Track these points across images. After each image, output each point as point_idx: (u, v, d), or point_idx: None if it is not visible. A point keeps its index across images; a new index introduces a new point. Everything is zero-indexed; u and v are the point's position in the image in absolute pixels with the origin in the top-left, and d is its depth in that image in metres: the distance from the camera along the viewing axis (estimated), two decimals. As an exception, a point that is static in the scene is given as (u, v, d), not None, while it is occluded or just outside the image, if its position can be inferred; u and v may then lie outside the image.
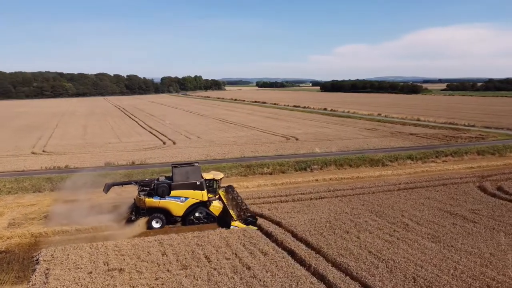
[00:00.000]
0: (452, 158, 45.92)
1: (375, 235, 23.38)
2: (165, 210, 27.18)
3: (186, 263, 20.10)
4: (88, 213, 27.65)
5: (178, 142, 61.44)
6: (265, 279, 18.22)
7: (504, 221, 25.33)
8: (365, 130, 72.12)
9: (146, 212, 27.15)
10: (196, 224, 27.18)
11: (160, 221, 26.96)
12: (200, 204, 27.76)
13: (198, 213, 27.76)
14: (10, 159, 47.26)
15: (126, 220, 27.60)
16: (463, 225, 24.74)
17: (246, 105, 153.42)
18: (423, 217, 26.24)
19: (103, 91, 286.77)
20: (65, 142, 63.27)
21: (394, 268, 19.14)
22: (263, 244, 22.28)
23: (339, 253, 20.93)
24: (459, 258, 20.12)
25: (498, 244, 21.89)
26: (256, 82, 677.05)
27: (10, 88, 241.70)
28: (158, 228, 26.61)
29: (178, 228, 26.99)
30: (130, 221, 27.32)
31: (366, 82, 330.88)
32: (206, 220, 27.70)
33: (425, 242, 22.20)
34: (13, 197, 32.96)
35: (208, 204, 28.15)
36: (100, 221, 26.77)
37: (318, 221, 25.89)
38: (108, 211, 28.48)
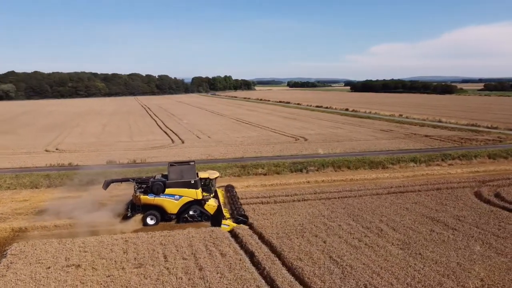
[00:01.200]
0: (459, 161, 43.91)
1: (343, 239, 22.72)
2: (160, 207, 27.62)
3: (143, 261, 20.29)
4: (86, 208, 28.25)
5: (187, 141, 62.21)
6: (212, 280, 18.12)
7: (487, 229, 23.97)
8: (380, 131, 70.28)
9: (141, 209, 27.67)
10: (190, 222, 27.36)
11: (155, 218, 27.40)
12: (194, 202, 27.98)
13: (192, 211, 27.97)
14: (22, 156, 49.38)
15: (122, 216, 28.11)
16: (440, 232, 23.62)
17: (269, 105, 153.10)
18: (401, 223, 25.26)
19: (135, 90, 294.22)
20: (80, 140, 65.48)
21: (348, 275, 18.54)
22: (225, 246, 22.14)
23: (298, 257, 20.51)
24: (421, 267, 19.24)
25: (471, 253, 20.75)
26: (287, 82, 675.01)
27: (47, 88, 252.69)
28: (153, 225, 27.02)
29: (159, 226, 27.07)
30: (126, 217, 27.91)
31: (398, 82, 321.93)
32: (200, 218, 27.86)
33: (392, 249, 21.36)
34: (10, 192, 34.39)
35: (203, 203, 28.34)
36: (96, 216, 27.33)
37: (291, 223, 25.47)
38: (106, 207, 29.10)
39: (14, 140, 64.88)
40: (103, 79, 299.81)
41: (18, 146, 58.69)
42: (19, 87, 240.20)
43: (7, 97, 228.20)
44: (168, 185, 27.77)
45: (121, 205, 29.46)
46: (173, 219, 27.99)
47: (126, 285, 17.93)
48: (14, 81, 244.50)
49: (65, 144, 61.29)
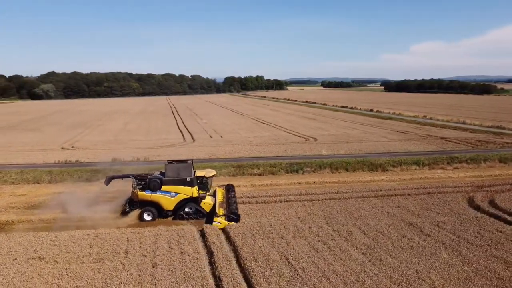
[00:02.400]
0: (466, 165, 41.99)
1: (308, 242, 22.44)
2: (156, 203, 28.30)
3: (103, 256, 20.95)
4: (85, 203, 29.41)
5: (198, 140, 63.14)
6: (160, 277, 18.49)
7: (463, 237, 22.92)
8: (396, 132, 68.35)
9: (139, 205, 28.49)
10: (186, 219, 27.83)
11: (151, 214, 28.10)
12: (190, 199, 28.49)
13: (188, 209, 28.44)
14: (37, 153, 51.83)
15: (121, 211, 28.95)
16: (412, 238, 22.82)
17: (294, 106, 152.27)
18: (375, 227, 24.60)
19: (167, 90, 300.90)
20: (98, 138, 67.89)
21: (297, 278, 18.39)
22: (188, 244, 22.44)
23: (255, 258, 20.49)
24: (376, 273, 18.72)
25: (435, 261, 19.95)
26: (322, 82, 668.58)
27: (84, 88, 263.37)
28: (149, 221, 27.66)
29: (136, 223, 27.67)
30: (124, 212, 28.81)
31: (434, 82, 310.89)
32: (195, 216, 28.27)
33: (354, 253, 20.89)
34: (12, 187, 36.27)
35: (199, 201, 28.85)
36: (94, 211, 28.36)
37: (263, 224, 25.43)
38: (105, 202, 30.12)
39: (36, 138, 68.23)
40: (137, 79, 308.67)
41: (37, 143, 61.68)
42: (58, 87, 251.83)
43: (47, 97, 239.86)
44: (165, 182, 28.40)
45: (119, 200, 30.26)
46: (169, 215, 28.55)
47: (79, 278, 18.60)
48: (54, 81, 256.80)
49: (82, 141, 63.78)
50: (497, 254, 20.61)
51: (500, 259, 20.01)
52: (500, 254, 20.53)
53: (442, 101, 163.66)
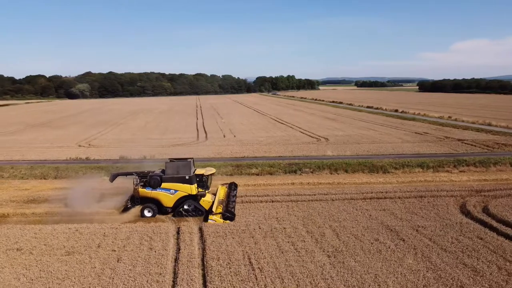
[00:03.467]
0: (473, 168, 40.30)
1: (277, 242, 22.44)
2: (156, 200, 29.02)
3: (75, 250, 21.86)
4: (88, 199, 30.38)
5: (210, 139, 64.00)
6: (119, 272, 19.13)
7: (439, 242, 22.16)
8: (413, 134, 66.38)
9: (140, 201, 29.31)
10: (185, 216, 28.28)
11: (152, 210, 28.74)
12: (189, 197, 29.04)
13: (187, 206, 28.92)
14: (53, 150, 54.29)
15: (123, 207, 29.73)
16: (384, 242, 22.29)
17: (319, 105, 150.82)
18: (351, 229, 24.21)
19: (198, 90, 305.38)
20: (116, 136, 70.21)
21: (251, 278, 18.56)
22: (159, 240, 22.99)
23: (218, 256, 20.77)
24: (333, 276, 18.52)
25: (399, 266, 19.43)
26: (355, 82, 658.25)
27: (118, 87, 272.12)
28: (150, 217, 28.28)
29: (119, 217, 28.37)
30: (126, 208, 29.64)
31: (472, 81, 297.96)
32: (194, 213, 28.72)
33: (319, 256, 20.71)
34: (19, 182, 38.27)
35: (198, 198, 29.43)
36: (98, 207, 29.48)
37: (239, 224, 25.64)
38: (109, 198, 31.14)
39: (59, 135, 71.45)
40: (169, 79, 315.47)
41: (58, 140, 64.55)
42: (93, 87, 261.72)
43: (83, 96, 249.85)
44: (164, 180, 29.06)
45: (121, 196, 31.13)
46: (169, 212, 29.16)
47: (45, 269, 19.52)
48: (89, 81, 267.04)
49: (100, 139, 66.17)
50: (467, 261, 19.79)
51: (468, 267, 19.21)
52: (471, 262, 19.69)
53: (476, 101, 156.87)
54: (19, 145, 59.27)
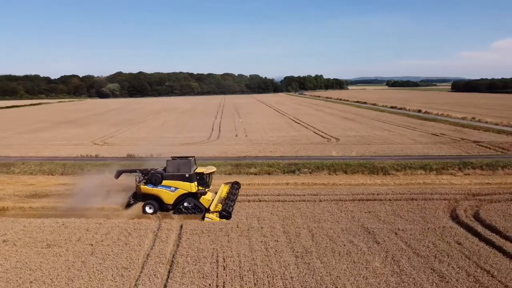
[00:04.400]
0: (479, 171, 38.86)
1: (249, 242, 22.65)
2: (157, 197, 29.73)
3: (55, 243, 22.86)
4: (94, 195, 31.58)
5: (221, 139, 64.61)
6: (89, 264, 19.98)
7: (415, 247, 21.67)
8: (429, 135, 64.50)
9: (142, 198, 30.23)
10: (185, 214, 28.88)
11: (153, 207, 29.46)
12: (189, 195, 29.61)
13: (187, 203, 29.51)
14: (68, 147, 56.36)
15: (127, 203, 30.60)
16: (357, 244, 22.01)
17: (342, 105, 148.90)
18: (328, 230, 24.03)
19: (225, 90, 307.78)
20: (132, 135, 72.04)
21: (213, 275, 18.97)
22: (137, 237, 23.66)
23: (187, 253, 21.18)
24: (293, 276, 18.61)
25: (364, 269, 19.18)
26: (387, 81, 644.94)
27: (147, 87, 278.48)
28: (151, 214, 29.01)
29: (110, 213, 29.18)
30: (129, 204, 30.59)
31: (508, 81, 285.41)
32: (194, 211, 29.23)
33: (285, 256, 20.76)
34: (28, 177, 40.12)
35: (198, 196, 29.99)
36: (102, 203, 30.54)
37: (219, 222, 25.96)
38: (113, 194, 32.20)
39: (79, 133, 74.11)
40: (197, 79, 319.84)
41: (76, 138, 66.96)
42: (123, 86, 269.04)
43: (113, 95, 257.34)
44: (165, 177, 29.78)
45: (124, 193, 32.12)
46: (170, 209, 29.79)
47: (21, 260, 20.57)
48: (120, 81, 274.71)
49: (116, 138, 68.11)
50: (436, 266, 19.28)
51: (436, 272, 18.73)
52: (440, 267, 19.17)
53: (507, 102, 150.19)
54: (38, 142, 62.00)
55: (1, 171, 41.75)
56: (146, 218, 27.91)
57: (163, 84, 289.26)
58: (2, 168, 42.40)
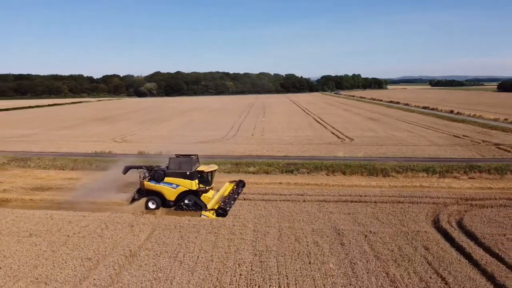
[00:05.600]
0: (486, 175, 37.04)
1: (217, 238, 23.10)
2: (160, 193, 30.91)
3: (37, 233, 24.36)
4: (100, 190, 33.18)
5: (236, 138, 65.29)
6: (58, 254, 21.19)
7: (377, 250, 21.27)
8: (451, 137, 61.88)
9: (145, 194, 31.57)
10: (186, 210, 29.72)
11: (155, 203, 30.62)
12: (189, 192, 30.52)
13: (187, 201, 30.40)
14: (86, 144, 58.89)
15: (131, 198, 31.97)
16: (321, 245, 21.87)
17: (373, 105, 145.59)
18: (297, 231, 23.98)
19: (260, 89, 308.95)
20: (153, 133, 74.24)
21: (161, 269, 19.32)
22: (112, 230, 24.66)
23: (152, 247, 22.01)
24: (243, 274, 18.89)
25: (317, 270, 19.09)
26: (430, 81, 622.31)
27: (183, 86, 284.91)
28: (154, 209, 30.17)
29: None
30: (133, 200, 32.05)
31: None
32: (194, 208, 29.90)
33: (244, 254, 21.04)
34: (40, 171, 42.61)
35: (199, 194, 30.88)
36: (108, 197, 32.08)
37: (195, 219, 26.69)
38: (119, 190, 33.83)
39: (103, 130, 77.45)
40: (233, 78, 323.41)
41: (100, 135, 70.01)
42: (160, 86, 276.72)
43: (150, 94, 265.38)
44: (167, 174, 30.88)
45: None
46: (172, 206, 30.76)
47: (1, 249, 22.00)
48: (157, 80, 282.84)
49: (136, 135, 70.53)
50: (392, 271, 18.84)
51: (389, 277, 18.33)
52: (395, 272, 18.73)
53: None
54: (63, 139, 65.33)
55: (18, 165, 44.60)
56: (129, 212, 28.90)
57: (199, 83, 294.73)
58: (20, 162, 45.27)
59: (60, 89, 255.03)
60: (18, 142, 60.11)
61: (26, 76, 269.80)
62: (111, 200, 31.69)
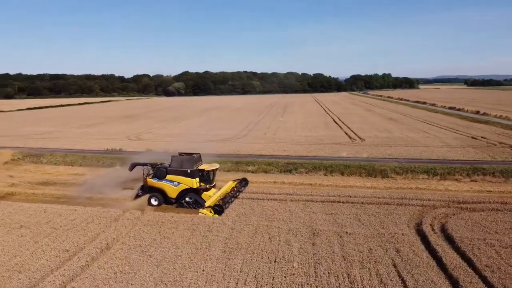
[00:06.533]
0: (489, 178, 35.70)
1: (193, 235, 23.63)
2: (162, 190, 31.80)
3: (27, 225, 25.66)
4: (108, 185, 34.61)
5: (247, 137, 65.63)
6: (39, 245, 22.34)
7: (346, 250, 21.11)
8: (468, 138, 59.75)
9: (148, 190, 32.63)
10: (186, 208, 30.39)
11: (157, 199, 31.48)
12: (190, 190, 31.18)
13: (188, 198, 31.04)
14: (101, 141, 60.64)
15: (135, 195, 32.88)
16: (292, 245, 21.97)
17: (397, 105, 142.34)
18: (273, 229, 24.12)
19: (287, 88, 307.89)
20: (168, 131, 75.86)
21: (129, 262, 19.99)
22: (96, 224, 25.61)
23: (128, 242, 22.78)
24: (205, 269, 19.26)
25: (278, 269, 19.24)
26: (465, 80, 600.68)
27: (210, 86, 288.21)
28: (156, 206, 31.02)
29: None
30: (137, 196, 33.06)
31: None
32: (194, 206, 30.48)
33: (213, 250, 21.49)
34: (50, 167, 44.54)
35: (200, 192, 31.51)
36: (113, 193, 33.43)
37: (178, 215, 27.44)
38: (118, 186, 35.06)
39: (122, 129, 79.79)
40: (260, 78, 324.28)
41: (117, 133, 72.16)
42: (188, 85, 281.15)
43: (178, 94, 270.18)
44: (169, 172, 31.75)
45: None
46: (173, 203, 31.50)
47: (-10, 238, 23.38)
48: (185, 80, 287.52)
49: (151, 134, 72.22)
50: (354, 272, 18.72)
51: (350, 278, 18.24)
52: (357, 273, 18.61)
53: None
54: (82, 136, 67.92)
55: (32, 161, 46.79)
56: (109, 207, 29.72)
57: (226, 83, 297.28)
58: (33, 158, 47.47)
59: (92, 88, 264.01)
60: (38, 139, 63.00)
61: (61, 76, 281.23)
62: (110, 196, 32.63)
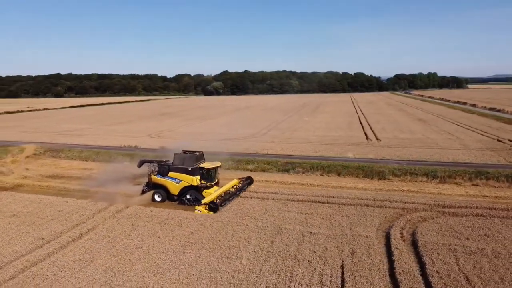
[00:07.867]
0: (492, 182, 33.91)
1: (163, 229, 24.50)
2: (165, 187, 33.28)
3: (19, 214, 27.72)
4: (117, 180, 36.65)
5: (264, 136, 65.99)
6: (20, 233, 24.23)
7: (300, 250, 21.14)
8: (492, 140, 56.55)
9: (153, 187, 34.40)
10: (187, 205, 31.46)
11: (161, 196, 32.96)
12: (191, 187, 32.41)
13: (189, 195, 32.27)
14: (123, 138, 62.95)
15: (141, 191, 34.57)
16: (251, 242, 22.29)
17: (434, 106, 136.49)
18: (241, 227, 24.52)
19: (325, 88, 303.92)
20: (190, 130, 77.54)
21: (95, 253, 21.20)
22: (82, 215, 27.19)
23: (101, 234, 24.02)
24: (157, 262, 19.98)
25: (227, 264, 19.66)
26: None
27: (248, 85, 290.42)
28: (159, 202, 32.50)
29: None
30: (143, 192, 34.87)
31: None
32: (195, 203, 31.30)
33: (175, 244, 22.27)
34: (65, 161, 47.40)
35: (200, 189, 32.56)
36: (119, 188, 35.16)
37: (166, 212, 28.06)
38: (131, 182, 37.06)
39: (148, 126, 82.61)
40: (299, 77, 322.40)
41: (141, 131, 74.80)
42: (227, 84, 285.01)
43: (217, 93, 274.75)
44: (172, 169, 33.18)
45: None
46: (176, 200, 32.82)
47: (-17, 225, 25.55)
48: (224, 79, 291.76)
49: (174, 132, 74.26)
50: (298, 270, 18.80)
51: (292, 276, 18.34)
52: (301, 272, 18.65)
53: None
54: (107, 133, 71.18)
55: (51, 155, 49.98)
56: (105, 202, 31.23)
57: (264, 82, 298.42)
58: (53, 152, 50.66)
59: (135, 87, 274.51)
60: (66, 136, 66.84)
61: (108, 75, 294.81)
62: (120, 191, 34.13)
